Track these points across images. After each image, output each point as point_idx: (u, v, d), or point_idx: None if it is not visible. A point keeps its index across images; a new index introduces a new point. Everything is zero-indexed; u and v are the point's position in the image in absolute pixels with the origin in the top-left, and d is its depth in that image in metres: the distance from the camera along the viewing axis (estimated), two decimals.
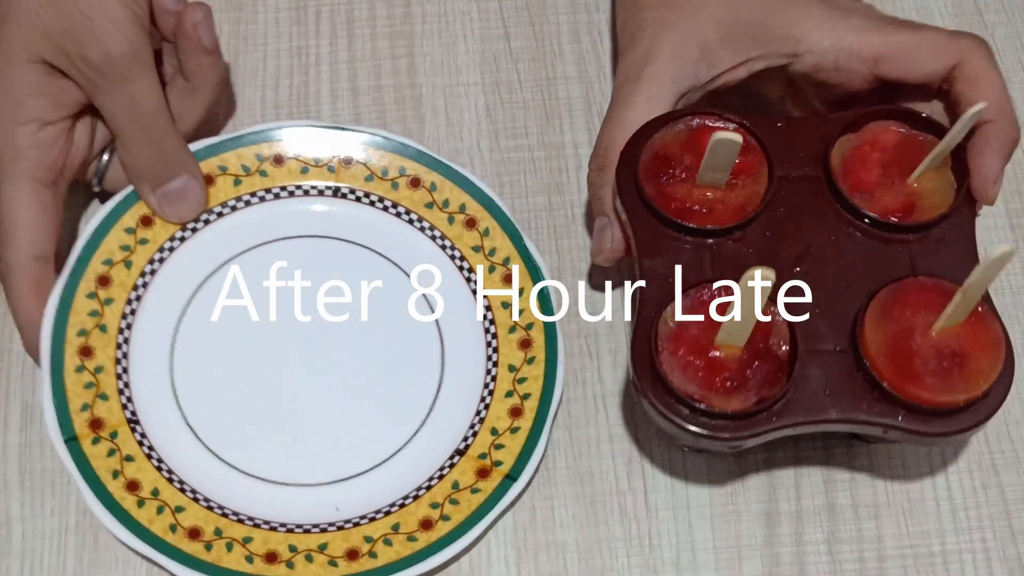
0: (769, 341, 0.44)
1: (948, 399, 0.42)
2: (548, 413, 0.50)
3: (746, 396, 0.43)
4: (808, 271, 0.46)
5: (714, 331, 0.43)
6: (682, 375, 0.43)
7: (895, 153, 0.47)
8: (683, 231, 0.46)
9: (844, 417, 0.43)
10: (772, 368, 0.43)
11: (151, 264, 0.53)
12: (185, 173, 0.52)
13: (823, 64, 0.48)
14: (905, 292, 0.44)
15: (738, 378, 0.43)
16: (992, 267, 0.40)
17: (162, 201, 0.52)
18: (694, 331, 0.44)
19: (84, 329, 0.50)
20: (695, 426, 0.42)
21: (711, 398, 0.43)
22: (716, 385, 0.43)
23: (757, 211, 0.46)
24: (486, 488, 0.48)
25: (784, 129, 0.48)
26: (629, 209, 0.46)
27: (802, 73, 0.49)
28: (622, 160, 0.47)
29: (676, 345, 0.43)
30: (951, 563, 0.49)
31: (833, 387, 0.43)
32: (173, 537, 0.47)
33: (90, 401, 0.49)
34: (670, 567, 0.49)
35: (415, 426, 0.51)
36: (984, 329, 0.43)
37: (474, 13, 0.60)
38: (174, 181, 0.51)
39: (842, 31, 0.47)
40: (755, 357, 0.43)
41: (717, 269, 0.45)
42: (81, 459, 0.48)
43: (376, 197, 0.54)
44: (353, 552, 0.48)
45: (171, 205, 0.52)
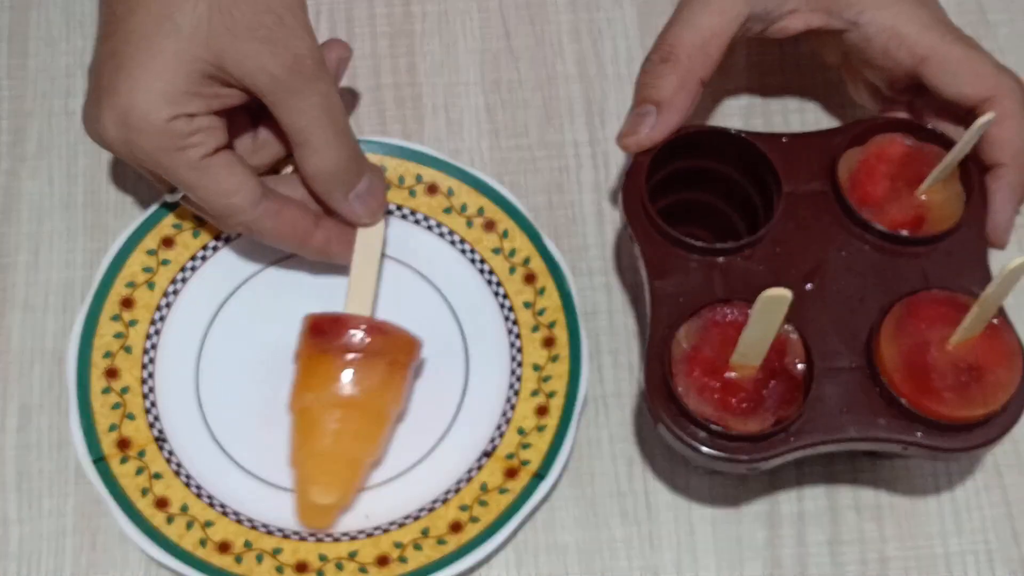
0: (784, 360, 0.37)
1: (967, 413, 0.37)
2: (574, 410, 0.44)
3: (763, 417, 0.37)
4: (820, 287, 0.39)
5: (729, 352, 0.37)
6: (698, 397, 0.37)
7: (902, 166, 0.41)
8: (692, 250, 0.40)
9: (863, 435, 0.37)
10: (788, 387, 0.37)
11: (174, 284, 0.46)
12: (368, 171, 0.44)
13: (874, 43, 0.42)
14: (919, 306, 0.38)
15: (754, 399, 0.37)
16: (1008, 279, 0.35)
17: (357, 204, 0.44)
18: (708, 352, 0.37)
19: (109, 351, 0.44)
20: (712, 449, 0.36)
21: (728, 420, 0.37)
22: (732, 406, 0.36)
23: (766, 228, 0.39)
24: (515, 488, 0.43)
25: (789, 144, 0.42)
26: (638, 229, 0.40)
27: (855, 45, 0.43)
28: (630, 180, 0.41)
29: (690, 367, 0.37)
30: (953, 565, 0.43)
31: (850, 405, 0.37)
32: (203, 551, 0.42)
33: (117, 421, 0.43)
34: (671, 569, 0.43)
35: (442, 430, 0.45)
36: (1000, 341, 0.37)
37: (474, 12, 0.53)
38: (363, 181, 0.44)
39: (904, 19, 0.42)
40: (771, 376, 0.37)
41: (728, 288, 0.39)
42: (110, 479, 0.42)
43: (394, 206, 0.48)
44: (383, 558, 0.42)
45: (365, 206, 0.44)
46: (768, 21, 0.43)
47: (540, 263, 0.47)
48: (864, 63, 0.44)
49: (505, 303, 0.47)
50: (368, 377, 0.42)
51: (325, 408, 0.42)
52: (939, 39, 0.41)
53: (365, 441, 0.43)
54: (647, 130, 0.42)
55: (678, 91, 0.41)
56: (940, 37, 0.41)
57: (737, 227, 0.44)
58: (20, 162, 0.50)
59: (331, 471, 0.42)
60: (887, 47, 0.42)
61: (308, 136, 0.42)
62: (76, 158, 0.50)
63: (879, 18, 0.42)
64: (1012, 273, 0.34)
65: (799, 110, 0.51)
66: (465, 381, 0.46)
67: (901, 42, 0.42)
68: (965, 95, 0.41)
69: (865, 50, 0.43)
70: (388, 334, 0.43)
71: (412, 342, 0.44)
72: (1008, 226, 0.41)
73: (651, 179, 0.41)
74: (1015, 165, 0.40)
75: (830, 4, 0.43)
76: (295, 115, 0.41)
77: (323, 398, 0.42)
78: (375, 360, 0.42)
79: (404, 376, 0.43)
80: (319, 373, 0.42)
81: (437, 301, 0.47)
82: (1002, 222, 0.41)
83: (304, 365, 0.43)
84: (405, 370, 0.43)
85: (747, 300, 0.37)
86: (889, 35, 0.42)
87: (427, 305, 0.47)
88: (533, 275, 0.47)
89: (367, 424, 0.42)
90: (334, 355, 0.42)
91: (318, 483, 0.42)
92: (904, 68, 0.42)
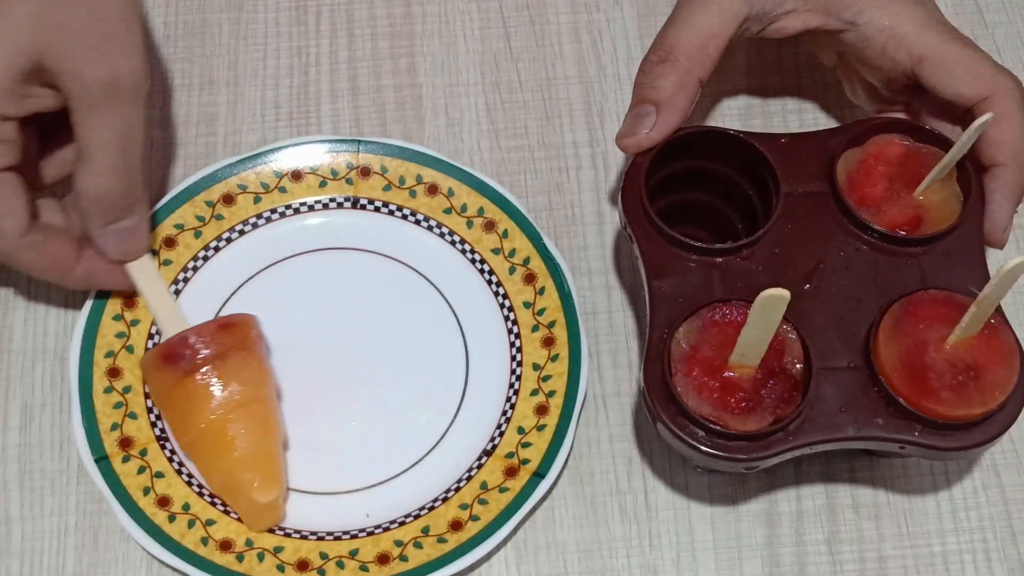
0: (783, 359, 0.37)
1: (965, 413, 0.36)
2: (574, 409, 0.44)
3: (762, 416, 0.36)
4: (818, 287, 0.39)
5: (727, 351, 0.36)
6: (696, 397, 0.36)
7: (900, 166, 0.41)
8: (691, 250, 0.39)
9: (861, 434, 0.37)
10: (786, 386, 0.37)
11: (176, 284, 0.46)
12: (141, 212, 0.43)
13: (872, 43, 0.42)
14: (917, 306, 0.38)
15: (753, 398, 0.36)
16: (1007, 279, 0.34)
17: (111, 236, 0.42)
18: (707, 352, 0.37)
19: (112, 351, 0.44)
20: (711, 448, 0.36)
21: (726, 419, 0.36)
22: (731, 406, 0.36)
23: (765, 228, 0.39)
24: (514, 487, 0.43)
25: (788, 145, 0.41)
26: (637, 230, 0.40)
27: (852, 45, 0.43)
28: (629, 181, 0.41)
29: (689, 366, 0.37)
30: (951, 563, 0.43)
31: (848, 404, 0.37)
32: (205, 550, 0.41)
33: (119, 421, 0.43)
34: (670, 567, 0.43)
35: (442, 429, 0.45)
36: (998, 340, 0.37)
37: (474, 13, 0.53)
38: (130, 218, 0.42)
39: (902, 19, 0.41)
40: (769, 376, 0.37)
41: (727, 288, 0.39)
42: (112, 478, 0.42)
43: (395, 206, 0.48)
44: (384, 557, 0.42)
45: (119, 242, 0.43)
46: (766, 21, 0.43)
47: (540, 263, 0.46)
48: (862, 63, 0.44)
49: (505, 303, 0.46)
50: (235, 373, 0.41)
51: (218, 423, 0.41)
52: (937, 39, 0.41)
53: (267, 429, 0.42)
54: (646, 131, 0.41)
55: (677, 91, 0.41)
56: (938, 37, 0.41)
57: (736, 227, 0.44)
58: None
59: (259, 470, 0.41)
60: (885, 47, 0.42)
61: (92, 154, 0.40)
62: None
63: (877, 18, 0.42)
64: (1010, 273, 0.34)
65: (798, 110, 0.51)
66: (465, 381, 0.46)
67: (899, 42, 0.41)
68: (963, 95, 0.40)
69: (863, 50, 0.43)
70: (225, 327, 0.42)
71: (246, 319, 0.43)
72: (1006, 226, 0.40)
73: (650, 179, 0.41)
74: (1013, 165, 0.40)
75: (828, 4, 0.42)
76: (89, 130, 0.40)
77: (210, 415, 0.41)
78: (231, 355, 0.42)
79: (259, 353, 0.43)
80: (193, 396, 0.41)
81: (437, 301, 0.47)
82: (1000, 222, 0.40)
83: (175, 396, 0.42)
84: (257, 347, 0.43)
85: (746, 300, 0.36)
86: (887, 35, 0.41)
87: (427, 305, 0.47)
88: (533, 275, 0.46)
89: (260, 413, 0.42)
90: (195, 373, 0.41)
91: (256, 487, 0.41)
92: (902, 68, 0.42)
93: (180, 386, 0.41)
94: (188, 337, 0.42)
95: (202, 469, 0.42)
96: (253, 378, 0.42)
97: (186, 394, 0.41)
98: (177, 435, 0.42)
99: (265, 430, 0.42)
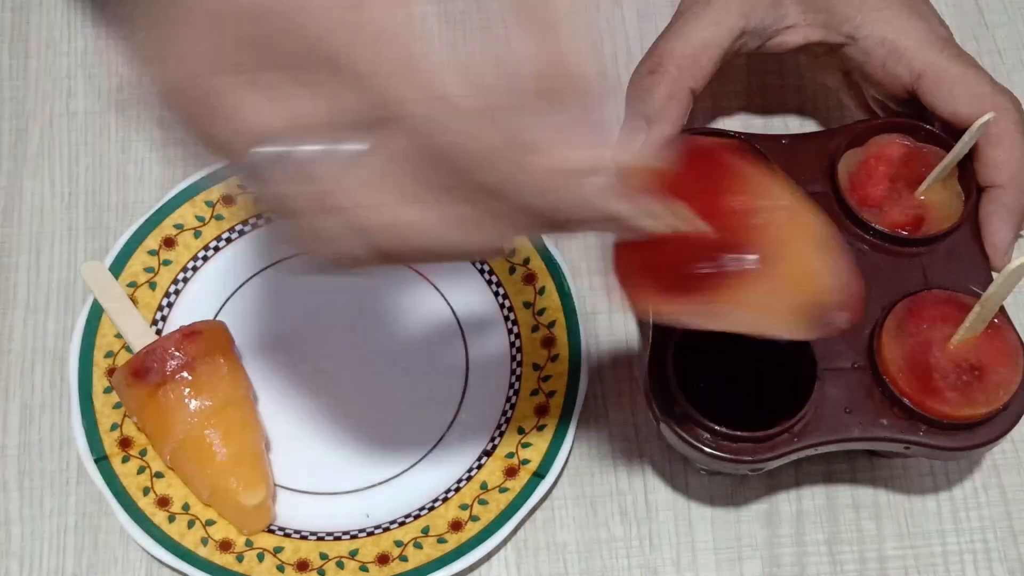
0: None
1: (969, 412, 0.35)
2: (574, 409, 0.43)
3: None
4: None
5: None
6: None
7: (901, 166, 0.40)
8: None
9: (866, 435, 0.36)
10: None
11: (175, 284, 0.45)
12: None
13: (873, 57, 0.41)
14: (920, 306, 0.37)
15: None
16: (1011, 278, 0.34)
17: None
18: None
19: (111, 351, 0.43)
20: (716, 450, 0.35)
21: None
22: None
23: None
24: (514, 487, 0.41)
25: (789, 146, 0.41)
26: None
27: (853, 60, 0.42)
28: None
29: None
30: (952, 564, 0.42)
31: (853, 405, 0.36)
32: (205, 550, 0.40)
33: (119, 421, 0.42)
34: (670, 567, 0.42)
35: (442, 429, 0.44)
36: (1001, 340, 0.36)
37: (474, 13, 0.52)
38: None
39: (903, 33, 0.40)
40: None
41: None
42: (111, 478, 0.41)
43: None
44: (384, 557, 0.41)
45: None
46: (766, 36, 0.42)
47: (540, 263, 0.45)
48: (864, 78, 0.42)
49: (505, 303, 0.45)
50: (205, 380, 0.40)
51: (194, 432, 0.40)
52: (937, 55, 0.40)
53: (245, 431, 0.41)
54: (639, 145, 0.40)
55: (667, 101, 0.40)
56: (939, 53, 0.40)
57: None
58: (22, 162, 0.48)
59: (242, 473, 0.40)
60: (886, 62, 0.40)
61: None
62: (78, 159, 0.48)
63: (877, 32, 0.40)
64: (1014, 272, 0.33)
65: (798, 111, 0.50)
66: (465, 381, 0.45)
67: (899, 57, 0.40)
68: (960, 114, 0.39)
69: (864, 64, 0.41)
70: (190, 336, 0.41)
71: (213, 326, 0.42)
72: (1007, 249, 0.39)
73: None
74: (1012, 187, 0.38)
75: (828, 18, 0.41)
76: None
77: (189, 424, 0.40)
78: (199, 364, 0.40)
79: (232, 355, 0.42)
80: (166, 409, 0.40)
81: (437, 301, 0.46)
82: (1000, 244, 0.39)
83: (148, 411, 0.40)
84: (229, 350, 0.42)
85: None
86: (888, 49, 0.40)
87: (427, 305, 0.46)
88: (533, 275, 0.45)
89: (236, 417, 0.41)
90: (168, 383, 0.40)
91: (241, 490, 0.40)
92: (903, 83, 0.41)
93: (152, 400, 0.40)
94: (155, 350, 0.40)
95: (188, 482, 0.41)
96: (224, 383, 0.41)
97: (158, 408, 0.40)
98: (158, 450, 0.41)
99: (243, 433, 0.41)
